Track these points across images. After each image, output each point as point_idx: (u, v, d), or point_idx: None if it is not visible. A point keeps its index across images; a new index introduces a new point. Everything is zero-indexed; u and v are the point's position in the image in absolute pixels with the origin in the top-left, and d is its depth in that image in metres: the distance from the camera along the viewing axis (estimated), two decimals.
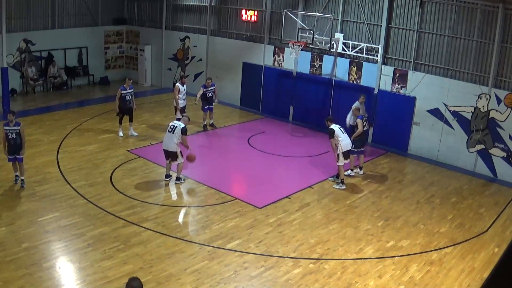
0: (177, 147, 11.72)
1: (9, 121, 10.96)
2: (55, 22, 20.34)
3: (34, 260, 8.46)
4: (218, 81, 19.52)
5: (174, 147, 11.67)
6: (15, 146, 11.06)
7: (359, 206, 11.47)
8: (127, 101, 14.92)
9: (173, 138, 11.65)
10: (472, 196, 12.53)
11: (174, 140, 11.65)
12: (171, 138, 11.68)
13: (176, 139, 11.63)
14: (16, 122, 11.05)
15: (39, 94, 19.70)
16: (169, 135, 11.71)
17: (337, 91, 16.73)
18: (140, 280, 5.46)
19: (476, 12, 13.63)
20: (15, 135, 11.00)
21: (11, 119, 10.95)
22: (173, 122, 12.03)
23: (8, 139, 11.00)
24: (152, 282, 8.13)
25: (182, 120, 12.41)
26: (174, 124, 11.80)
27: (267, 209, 11.04)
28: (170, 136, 11.69)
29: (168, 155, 11.87)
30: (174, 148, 11.68)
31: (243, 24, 19.05)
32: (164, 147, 11.87)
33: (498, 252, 9.74)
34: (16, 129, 11.00)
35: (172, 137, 11.66)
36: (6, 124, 11.00)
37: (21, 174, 11.26)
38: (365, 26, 15.81)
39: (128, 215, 10.28)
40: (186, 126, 11.82)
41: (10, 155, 11.11)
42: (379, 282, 8.56)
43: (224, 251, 9.19)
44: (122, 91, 14.87)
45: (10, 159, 11.19)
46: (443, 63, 14.46)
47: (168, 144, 11.75)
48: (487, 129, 13.75)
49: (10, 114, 11.03)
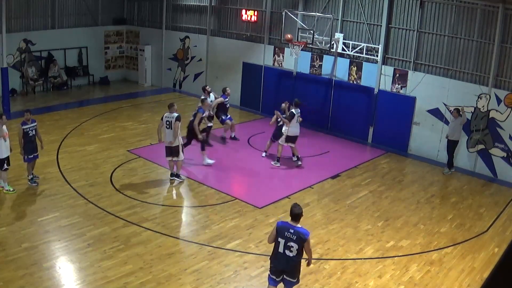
0: (179, 141, 11.73)
1: (26, 120, 11.09)
2: (55, 22, 20.34)
3: (34, 260, 8.46)
4: (218, 81, 19.56)
5: (176, 142, 11.67)
6: (34, 143, 11.26)
7: (359, 206, 11.47)
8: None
9: (172, 133, 11.60)
10: (472, 196, 12.53)
11: (175, 135, 11.61)
12: (171, 134, 11.62)
13: (176, 133, 11.59)
14: (32, 119, 11.25)
15: (39, 94, 19.70)
16: (169, 132, 11.63)
17: (337, 91, 16.73)
18: None
19: (476, 12, 13.63)
20: (34, 132, 11.24)
21: (29, 117, 11.13)
22: (166, 116, 11.69)
23: (28, 137, 11.09)
24: (152, 282, 8.13)
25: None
26: (168, 120, 11.62)
27: (267, 209, 11.04)
28: (170, 133, 11.62)
29: (171, 152, 11.79)
30: (177, 142, 11.68)
31: (243, 24, 19.05)
32: (167, 144, 11.78)
33: (498, 252, 9.74)
34: (34, 125, 11.25)
35: (171, 132, 11.61)
36: (24, 123, 11.07)
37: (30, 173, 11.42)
38: (365, 26, 15.81)
39: (128, 215, 10.28)
40: (179, 114, 11.68)
41: (29, 154, 11.17)
42: (379, 282, 8.56)
43: (224, 251, 9.19)
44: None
45: (29, 159, 11.22)
46: (443, 63, 14.46)
47: (171, 140, 11.68)
48: (487, 129, 13.75)
49: (28, 112, 11.18)
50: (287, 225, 6.86)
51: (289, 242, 6.78)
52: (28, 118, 11.09)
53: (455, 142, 13.67)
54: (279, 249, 6.86)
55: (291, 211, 6.89)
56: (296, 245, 6.77)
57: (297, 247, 6.78)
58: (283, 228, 6.85)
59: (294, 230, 6.78)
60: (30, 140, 11.13)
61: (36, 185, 11.39)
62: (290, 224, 6.85)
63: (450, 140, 13.72)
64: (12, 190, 10.98)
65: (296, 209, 6.86)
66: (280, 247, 6.84)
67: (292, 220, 6.89)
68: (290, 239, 6.78)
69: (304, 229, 6.86)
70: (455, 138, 13.63)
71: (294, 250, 6.79)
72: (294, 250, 6.79)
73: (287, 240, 6.78)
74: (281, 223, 6.95)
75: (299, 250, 6.80)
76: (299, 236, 6.75)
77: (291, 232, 6.77)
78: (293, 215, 6.87)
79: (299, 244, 6.77)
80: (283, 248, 6.82)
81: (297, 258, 6.88)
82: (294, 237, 6.76)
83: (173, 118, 11.56)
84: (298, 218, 6.86)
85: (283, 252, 6.84)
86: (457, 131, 13.56)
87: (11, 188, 11.00)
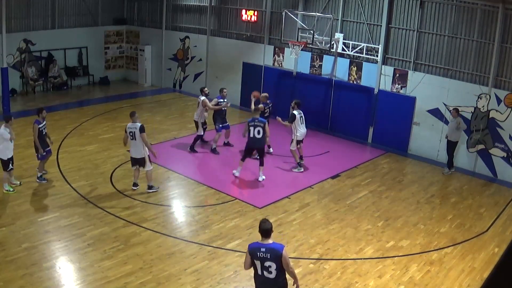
0: (145, 152, 11.12)
1: (40, 119, 11.40)
2: (55, 22, 20.34)
3: (34, 260, 8.47)
4: (218, 81, 19.56)
5: (141, 153, 11.07)
6: (46, 141, 11.59)
7: (359, 206, 11.47)
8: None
9: (138, 143, 10.99)
10: (472, 196, 12.53)
11: (140, 146, 11.02)
12: (136, 145, 11.03)
13: (141, 144, 11.00)
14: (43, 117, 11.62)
15: (39, 94, 19.70)
16: (134, 143, 11.03)
17: (337, 91, 16.73)
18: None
19: (476, 12, 13.63)
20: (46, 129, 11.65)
21: (45, 115, 11.52)
22: (129, 127, 10.99)
23: (42, 136, 11.42)
24: (152, 282, 8.13)
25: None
26: (132, 131, 10.94)
27: (267, 209, 11.04)
28: (135, 144, 11.03)
29: (136, 162, 11.24)
30: (142, 153, 11.08)
31: (243, 24, 19.05)
32: (132, 155, 11.22)
33: (498, 252, 9.73)
34: (45, 123, 11.62)
35: (137, 143, 11.00)
36: (38, 121, 11.35)
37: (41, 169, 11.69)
38: (365, 26, 15.81)
39: (128, 215, 10.29)
40: (142, 124, 11.06)
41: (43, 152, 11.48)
42: (379, 282, 8.56)
43: (224, 251, 9.19)
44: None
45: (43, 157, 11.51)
46: (443, 63, 14.46)
47: (135, 151, 11.11)
48: (487, 129, 13.75)
49: (44, 110, 11.57)
50: (257, 245, 6.26)
51: (265, 262, 6.19)
52: (43, 116, 11.47)
53: (455, 143, 13.67)
54: (258, 271, 6.29)
55: (260, 228, 6.31)
56: (274, 263, 6.17)
57: (275, 265, 6.17)
58: (254, 249, 6.24)
59: (266, 248, 6.17)
60: (43, 138, 11.50)
61: (45, 181, 11.56)
62: (260, 243, 6.26)
63: (450, 141, 13.72)
64: (12, 190, 11.01)
65: (265, 225, 6.28)
66: (258, 270, 6.28)
67: (262, 237, 6.28)
68: (265, 259, 6.18)
69: (277, 244, 6.29)
70: (454, 139, 13.62)
71: (273, 270, 6.19)
72: (273, 270, 6.19)
73: (262, 260, 6.19)
74: (251, 245, 6.34)
75: (278, 268, 6.19)
76: (273, 253, 6.15)
77: (263, 251, 6.17)
78: (262, 231, 6.28)
79: (276, 262, 6.16)
80: (261, 270, 6.24)
81: (280, 280, 6.28)
82: (268, 255, 6.16)
83: (136, 129, 10.91)
84: (269, 234, 6.27)
85: (261, 274, 6.27)
86: (455, 132, 13.54)
87: (11, 188, 11.03)
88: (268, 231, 6.27)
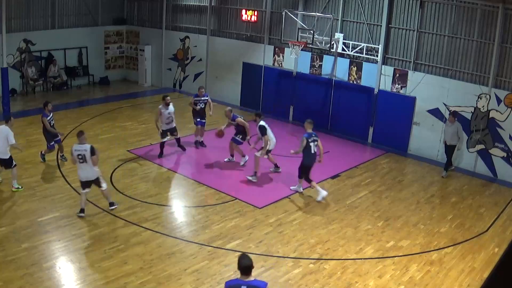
0: (98, 171, 10.23)
1: (47, 111, 12.39)
2: (55, 22, 20.34)
3: (34, 260, 8.47)
4: (218, 81, 19.58)
5: (95, 174, 10.12)
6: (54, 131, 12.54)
7: (359, 206, 11.47)
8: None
9: (89, 166, 9.96)
10: (472, 196, 12.53)
11: (92, 167, 10.01)
12: (88, 167, 9.98)
13: (92, 165, 10.00)
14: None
15: (39, 94, 19.69)
16: (84, 166, 9.94)
17: (337, 91, 16.73)
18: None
19: (476, 12, 13.63)
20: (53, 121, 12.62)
21: (50, 108, 12.50)
22: (76, 150, 9.92)
23: (51, 127, 12.47)
24: (152, 282, 8.13)
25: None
26: (80, 153, 9.86)
27: (267, 209, 11.04)
28: (85, 166, 9.95)
29: (89, 184, 10.16)
30: (95, 173, 10.12)
31: (243, 24, 19.05)
32: (83, 179, 10.08)
33: (498, 252, 9.74)
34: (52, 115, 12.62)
35: (88, 165, 9.95)
36: (45, 115, 12.38)
37: (62, 151, 12.93)
38: (365, 26, 15.82)
39: (128, 215, 10.29)
40: (92, 145, 10.12)
41: (50, 141, 12.58)
42: (379, 282, 8.56)
43: (224, 251, 9.19)
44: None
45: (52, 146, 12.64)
46: (443, 63, 14.46)
47: (88, 174, 10.04)
48: (487, 129, 13.75)
49: (50, 103, 12.53)
50: (237, 282, 5.64)
51: None
52: (49, 109, 12.39)
53: (454, 146, 13.59)
54: None
55: (240, 264, 5.66)
56: None
57: None
58: (233, 287, 5.68)
59: (247, 285, 5.56)
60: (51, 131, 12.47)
61: (66, 160, 12.68)
62: (240, 281, 5.63)
63: (449, 145, 13.61)
64: (21, 187, 11.13)
65: (245, 261, 5.64)
66: None
67: (242, 275, 5.65)
68: None
69: (259, 281, 5.75)
70: (453, 143, 13.53)
71: None
72: None
73: None
74: (229, 283, 5.78)
75: None
76: None
77: None
78: (243, 268, 5.65)
79: None
80: None
81: None
82: None
83: (86, 151, 9.87)
84: (249, 270, 5.65)
85: None
86: (454, 137, 13.44)
87: (20, 186, 11.13)
88: (249, 268, 5.66)
